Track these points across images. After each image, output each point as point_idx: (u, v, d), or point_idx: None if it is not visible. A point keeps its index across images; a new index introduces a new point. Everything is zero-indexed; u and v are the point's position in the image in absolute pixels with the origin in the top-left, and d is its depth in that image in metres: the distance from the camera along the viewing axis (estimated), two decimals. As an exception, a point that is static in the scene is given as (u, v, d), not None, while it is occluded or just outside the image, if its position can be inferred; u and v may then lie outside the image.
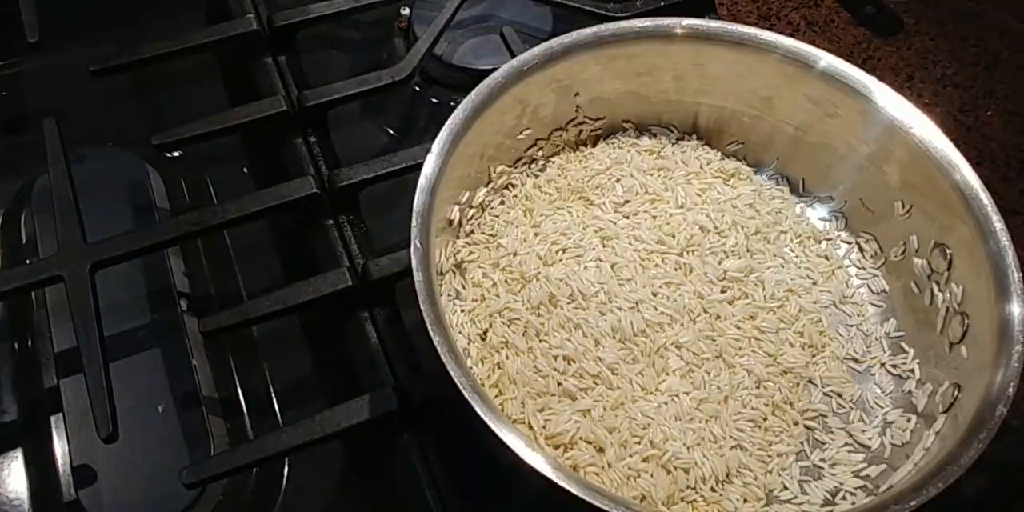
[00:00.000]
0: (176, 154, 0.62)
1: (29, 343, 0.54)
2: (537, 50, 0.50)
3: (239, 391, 0.54)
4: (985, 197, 0.47)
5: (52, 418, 0.51)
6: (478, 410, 0.38)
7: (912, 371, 0.49)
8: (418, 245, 0.43)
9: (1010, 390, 0.42)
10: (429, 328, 0.40)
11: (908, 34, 0.69)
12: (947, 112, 0.65)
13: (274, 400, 0.54)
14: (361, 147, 0.63)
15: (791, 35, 0.51)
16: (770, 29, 0.51)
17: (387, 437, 0.49)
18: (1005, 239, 0.46)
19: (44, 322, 0.54)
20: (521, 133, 0.52)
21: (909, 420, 0.47)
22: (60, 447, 0.51)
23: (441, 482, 0.47)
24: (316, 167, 0.57)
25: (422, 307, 0.41)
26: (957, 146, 0.48)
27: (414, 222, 0.44)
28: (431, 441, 0.48)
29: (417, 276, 0.42)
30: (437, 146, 0.46)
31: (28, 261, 0.56)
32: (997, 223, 0.46)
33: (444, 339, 0.40)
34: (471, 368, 0.46)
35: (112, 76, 0.59)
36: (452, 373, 0.39)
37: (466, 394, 0.39)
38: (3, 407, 0.53)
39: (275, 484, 0.51)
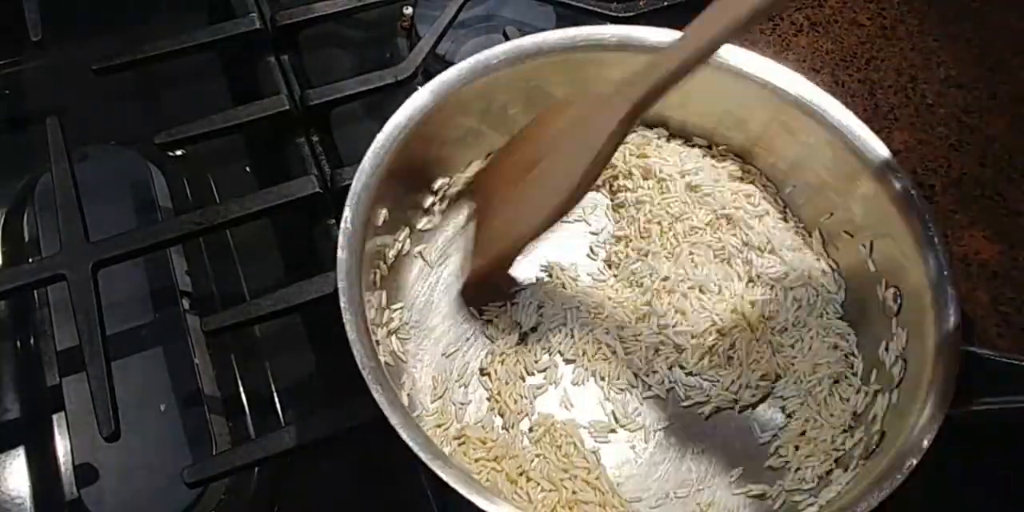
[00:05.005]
0: (179, 153, 0.62)
1: (31, 342, 0.55)
2: (505, 47, 0.50)
3: (241, 390, 0.54)
4: (940, 243, 0.45)
5: (54, 417, 0.51)
6: (377, 396, 0.39)
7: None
8: (348, 227, 0.44)
9: (925, 442, 0.40)
10: (343, 306, 0.40)
11: (911, 35, 0.69)
12: (950, 113, 0.65)
13: (276, 399, 0.54)
14: (363, 147, 0.62)
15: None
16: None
17: (389, 437, 0.49)
18: (951, 290, 0.44)
19: (46, 321, 0.54)
20: (485, 128, 0.52)
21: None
22: (62, 446, 0.51)
23: (443, 481, 0.47)
24: (318, 166, 0.57)
25: (339, 285, 0.41)
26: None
27: (349, 202, 0.44)
28: (433, 441, 0.48)
29: (341, 254, 0.42)
30: (382, 135, 0.47)
31: (31, 260, 0.56)
32: (946, 271, 0.44)
33: (354, 317, 0.40)
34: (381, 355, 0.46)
35: (115, 75, 0.59)
36: (355, 352, 0.40)
37: (364, 373, 0.39)
38: (5, 405, 0.53)
39: (277, 483, 0.51)
